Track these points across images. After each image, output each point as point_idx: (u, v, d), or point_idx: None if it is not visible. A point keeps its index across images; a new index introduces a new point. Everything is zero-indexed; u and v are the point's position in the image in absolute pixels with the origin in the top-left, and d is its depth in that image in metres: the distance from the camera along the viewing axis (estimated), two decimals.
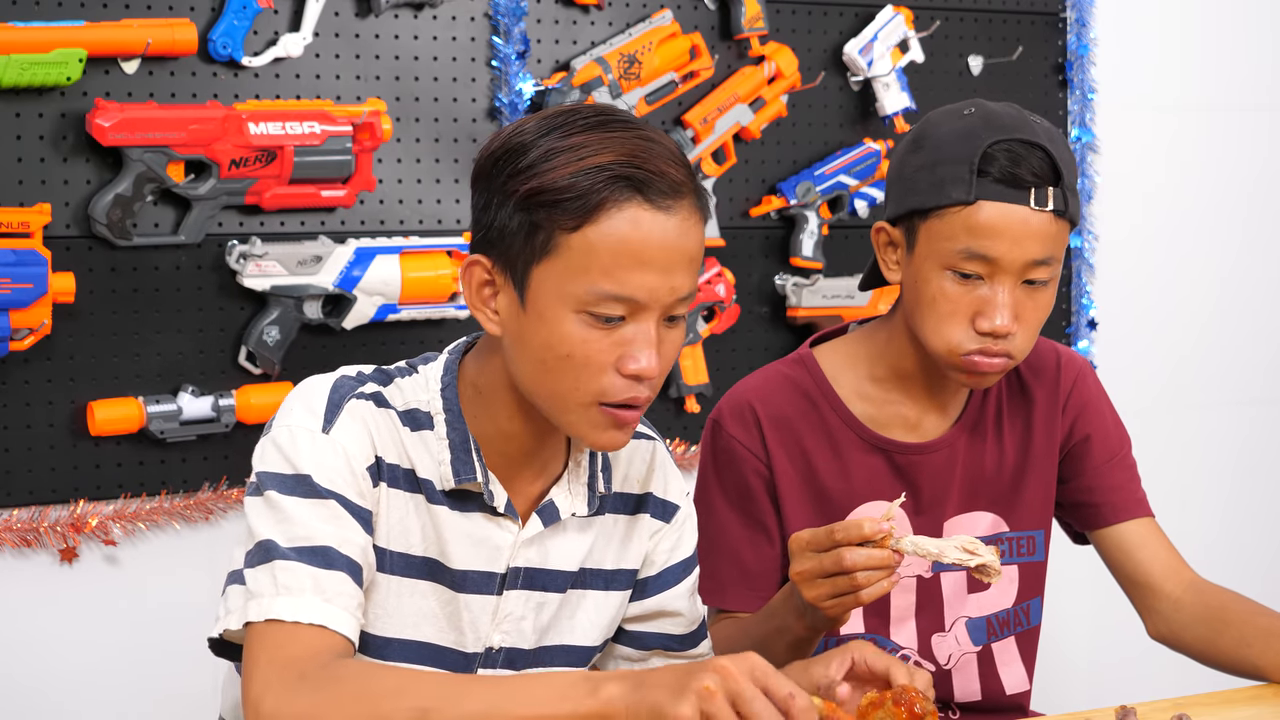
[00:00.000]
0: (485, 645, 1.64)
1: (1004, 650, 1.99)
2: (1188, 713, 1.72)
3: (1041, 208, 1.79)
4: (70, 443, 2.48)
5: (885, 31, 3.00)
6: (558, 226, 1.50)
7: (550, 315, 1.51)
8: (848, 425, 1.93)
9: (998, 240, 1.79)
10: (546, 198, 1.50)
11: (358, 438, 1.55)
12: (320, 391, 1.58)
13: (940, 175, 1.81)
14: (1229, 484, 3.49)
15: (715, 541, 1.94)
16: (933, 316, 1.83)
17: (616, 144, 1.51)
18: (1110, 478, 2.00)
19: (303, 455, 1.53)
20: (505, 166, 1.53)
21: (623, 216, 1.50)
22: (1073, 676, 3.29)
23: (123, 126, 2.41)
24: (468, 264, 1.56)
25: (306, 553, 1.50)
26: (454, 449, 1.59)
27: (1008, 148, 1.79)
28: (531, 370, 1.54)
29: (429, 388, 1.62)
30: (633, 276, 1.50)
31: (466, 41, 2.72)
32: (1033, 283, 1.82)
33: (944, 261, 1.81)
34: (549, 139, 1.52)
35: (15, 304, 2.34)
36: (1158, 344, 3.39)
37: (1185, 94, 3.40)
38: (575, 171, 1.49)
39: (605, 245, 1.49)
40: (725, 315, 2.92)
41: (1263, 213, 3.49)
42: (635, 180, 1.50)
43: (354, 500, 1.53)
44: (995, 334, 1.80)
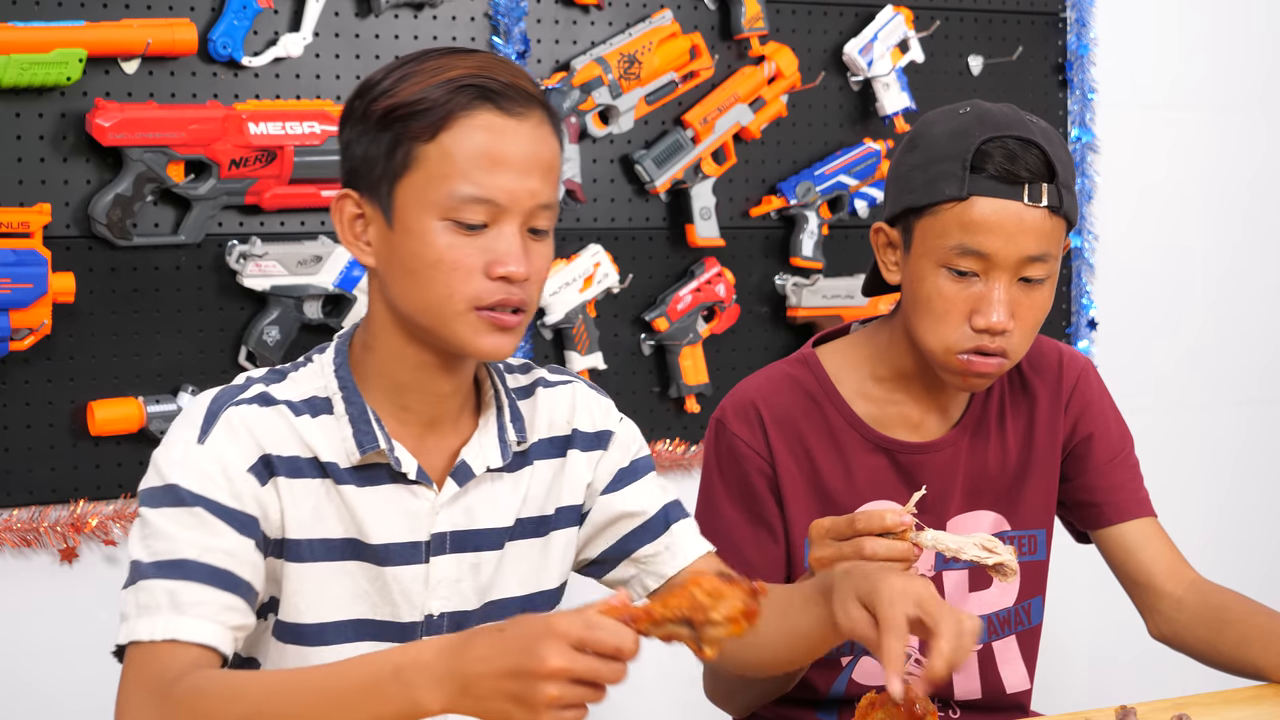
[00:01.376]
0: (424, 614, 1.65)
1: (1005, 649, 2.00)
2: (1188, 713, 1.72)
3: (1035, 204, 1.79)
4: (70, 443, 2.48)
5: (885, 31, 3.00)
6: (415, 139, 1.56)
7: (416, 227, 1.57)
8: (851, 425, 1.93)
9: (991, 236, 1.79)
10: (402, 112, 1.56)
11: (234, 443, 1.58)
12: (199, 405, 1.62)
13: (934, 172, 1.81)
14: (1228, 484, 3.50)
15: (720, 540, 1.94)
16: (929, 315, 1.83)
17: (467, 61, 1.59)
18: (1112, 477, 2.00)
19: (174, 466, 1.57)
20: (362, 99, 1.61)
21: (475, 123, 1.56)
22: (1073, 676, 3.29)
23: (123, 126, 2.41)
24: (337, 200, 1.62)
25: (165, 567, 1.53)
26: (354, 422, 1.62)
27: (1001, 144, 1.80)
28: (406, 286, 1.59)
29: (324, 373, 1.65)
30: (489, 178, 1.56)
31: (466, 41, 2.72)
32: (1029, 281, 1.81)
33: (939, 259, 1.81)
34: (403, 67, 1.60)
35: (15, 304, 2.34)
36: (1157, 343, 3.39)
37: (1184, 94, 3.40)
38: (427, 86, 1.57)
39: (461, 150, 1.56)
40: (725, 315, 2.92)
41: (1262, 212, 3.49)
42: (485, 89, 1.57)
43: (227, 504, 1.56)
44: (991, 331, 1.80)
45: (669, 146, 2.85)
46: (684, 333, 2.88)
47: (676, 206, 2.90)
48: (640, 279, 2.88)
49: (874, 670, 1.95)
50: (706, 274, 2.88)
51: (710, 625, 1.41)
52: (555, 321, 2.77)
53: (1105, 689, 3.29)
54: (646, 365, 2.90)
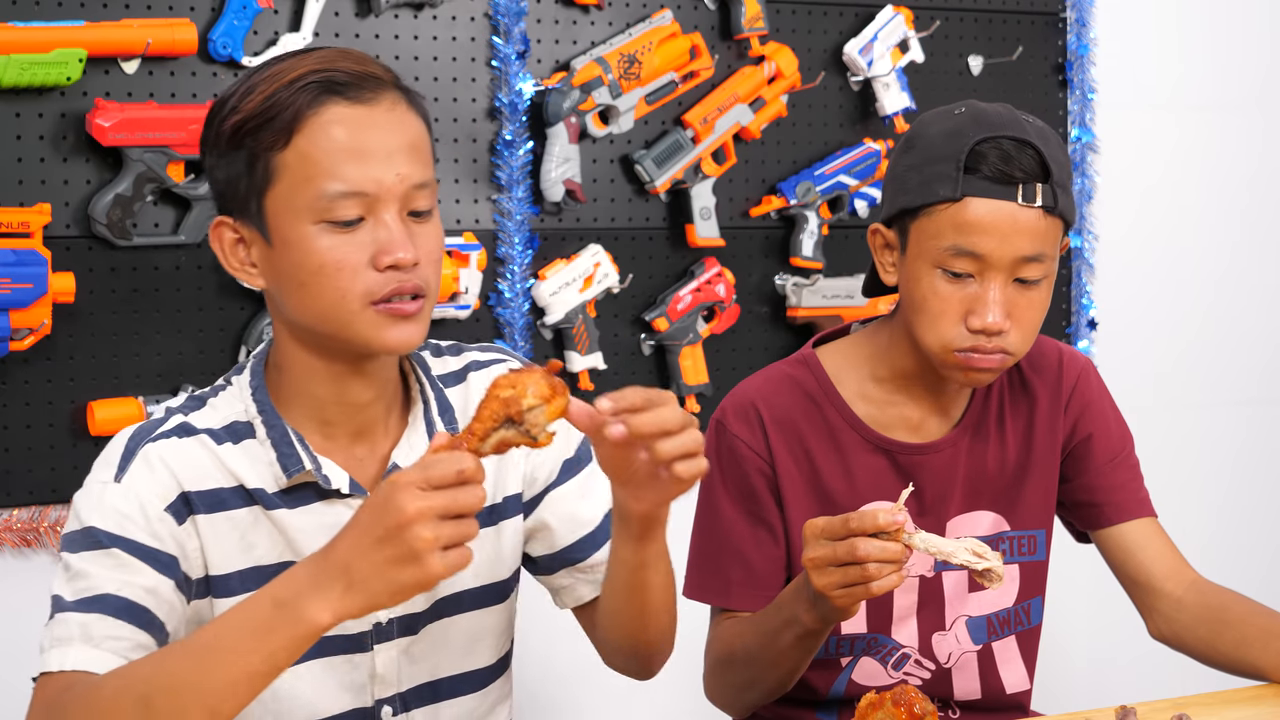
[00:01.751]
0: (372, 622, 1.64)
1: (1004, 649, 2.00)
2: (1188, 713, 1.72)
3: (1029, 204, 1.79)
4: (70, 443, 2.48)
5: (885, 31, 3.00)
6: (270, 149, 1.53)
7: (293, 236, 1.54)
8: (851, 426, 1.93)
9: (985, 236, 1.79)
10: (251, 124, 1.54)
11: (152, 481, 1.57)
12: (117, 444, 1.61)
13: (928, 173, 1.81)
14: (1227, 484, 3.50)
15: (721, 541, 1.94)
16: (925, 316, 1.83)
17: (308, 60, 1.56)
18: (1112, 477, 1.99)
19: (91, 509, 1.56)
20: (213, 121, 1.58)
21: (326, 118, 1.53)
22: (1073, 676, 3.29)
23: (123, 126, 2.41)
24: (214, 228, 1.60)
25: (84, 602, 1.53)
26: (276, 445, 1.60)
27: (996, 144, 1.80)
28: (298, 299, 1.56)
29: (242, 396, 1.63)
30: (354, 171, 1.52)
31: (466, 41, 2.72)
32: (1025, 281, 1.81)
33: (934, 260, 1.81)
34: (247, 81, 1.58)
35: (15, 304, 2.34)
36: (1157, 344, 3.39)
37: (1184, 94, 3.40)
38: (271, 92, 1.54)
39: (317, 148, 1.52)
40: (725, 315, 2.92)
41: (1261, 212, 3.49)
42: (329, 83, 1.54)
43: (145, 543, 1.55)
44: (987, 331, 1.80)
45: (669, 146, 2.85)
46: (684, 333, 2.88)
47: (676, 206, 2.90)
48: (640, 279, 2.88)
49: (874, 671, 1.95)
50: (706, 274, 2.88)
51: (529, 412, 1.43)
52: (555, 321, 2.77)
53: (1105, 689, 3.29)
54: (646, 365, 2.89)
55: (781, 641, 1.80)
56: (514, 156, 2.74)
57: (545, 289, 2.76)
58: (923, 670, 1.96)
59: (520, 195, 2.74)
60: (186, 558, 1.58)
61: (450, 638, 1.70)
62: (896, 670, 1.95)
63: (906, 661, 1.96)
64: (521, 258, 2.74)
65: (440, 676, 1.70)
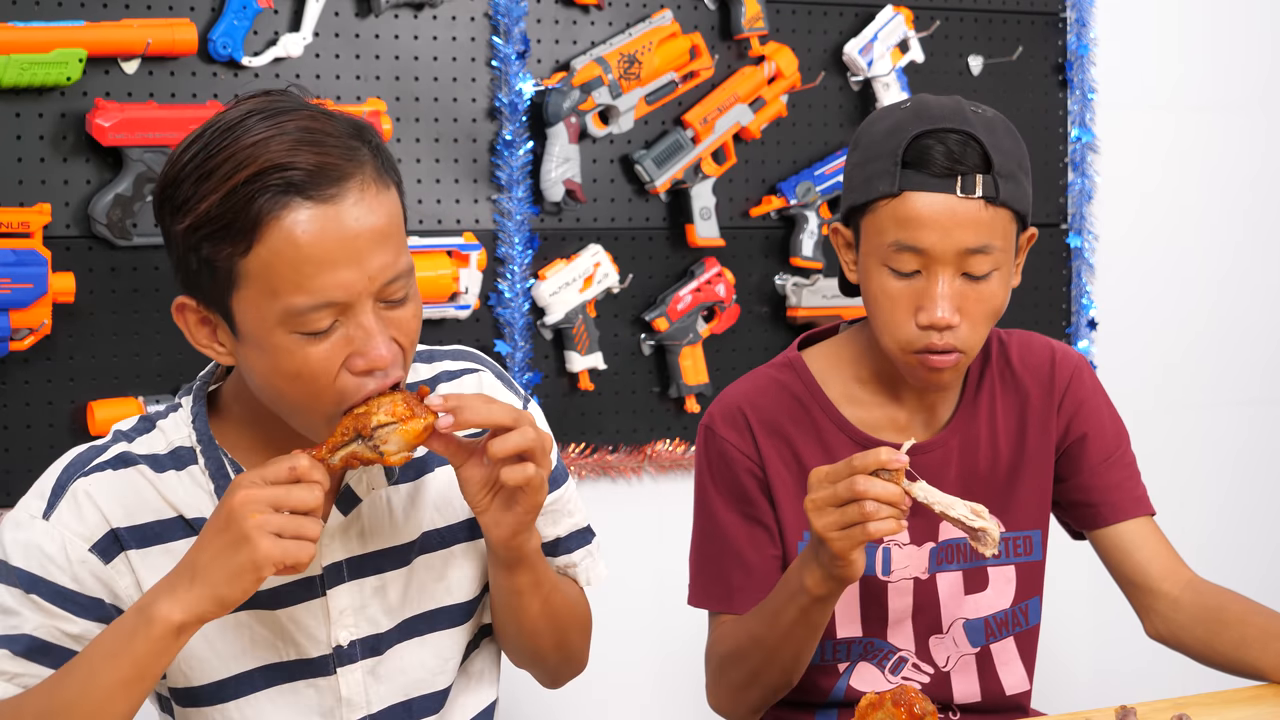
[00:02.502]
0: (333, 645, 1.63)
1: (1003, 651, 1.99)
2: (1188, 713, 1.72)
3: (969, 195, 1.76)
4: (70, 443, 2.46)
5: (885, 31, 3.00)
6: (227, 255, 1.42)
7: (264, 340, 1.45)
8: (838, 427, 1.92)
9: (925, 230, 1.77)
10: (204, 232, 1.42)
11: (78, 521, 1.55)
12: (52, 473, 1.59)
13: (870, 170, 1.80)
14: (1228, 484, 3.49)
15: (718, 546, 1.94)
16: (879, 314, 1.83)
17: (263, 148, 1.42)
18: (1107, 477, 1.99)
19: (17, 546, 1.55)
20: (166, 205, 1.47)
21: (285, 224, 1.41)
22: (1073, 676, 3.29)
23: (123, 126, 2.41)
24: (177, 308, 1.52)
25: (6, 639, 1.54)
26: (214, 478, 1.58)
27: (934, 137, 1.77)
28: (269, 395, 1.51)
29: (187, 421, 1.60)
30: (322, 279, 1.42)
31: (466, 41, 2.72)
32: (974, 277, 1.79)
33: (881, 257, 1.80)
34: (196, 162, 1.44)
35: (15, 304, 2.35)
36: (1157, 344, 3.39)
37: (1184, 94, 3.40)
38: (225, 194, 1.41)
39: (280, 260, 1.41)
40: (725, 315, 2.92)
41: (1262, 212, 3.49)
42: (289, 183, 1.41)
43: (66, 587, 1.54)
44: (935, 326, 1.78)
45: (669, 146, 2.85)
46: (684, 333, 2.88)
47: (676, 206, 2.90)
48: (640, 279, 2.88)
49: (872, 676, 1.95)
50: (706, 274, 2.88)
51: (379, 429, 1.45)
52: (555, 321, 2.77)
53: (1105, 689, 3.29)
54: (646, 365, 2.90)
55: (786, 618, 1.78)
56: (514, 156, 2.74)
57: (545, 289, 2.76)
58: (921, 675, 1.95)
59: (520, 195, 2.74)
60: (116, 596, 1.56)
61: (418, 658, 1.68)
62: (895, 675, 1.95)
63: (904, 666, 1.95)
64: (521, 258, 2.74)
65: (412, 696, 1.68)
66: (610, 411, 2.86)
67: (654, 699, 2.92)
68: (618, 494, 2.87)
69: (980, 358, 1.98)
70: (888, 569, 1.92)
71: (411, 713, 1.68)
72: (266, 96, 1.49)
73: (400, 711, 1.67)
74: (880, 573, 1.92)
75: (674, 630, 2.62)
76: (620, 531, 2.55)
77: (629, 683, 2.89)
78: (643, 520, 2.85)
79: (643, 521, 2.85)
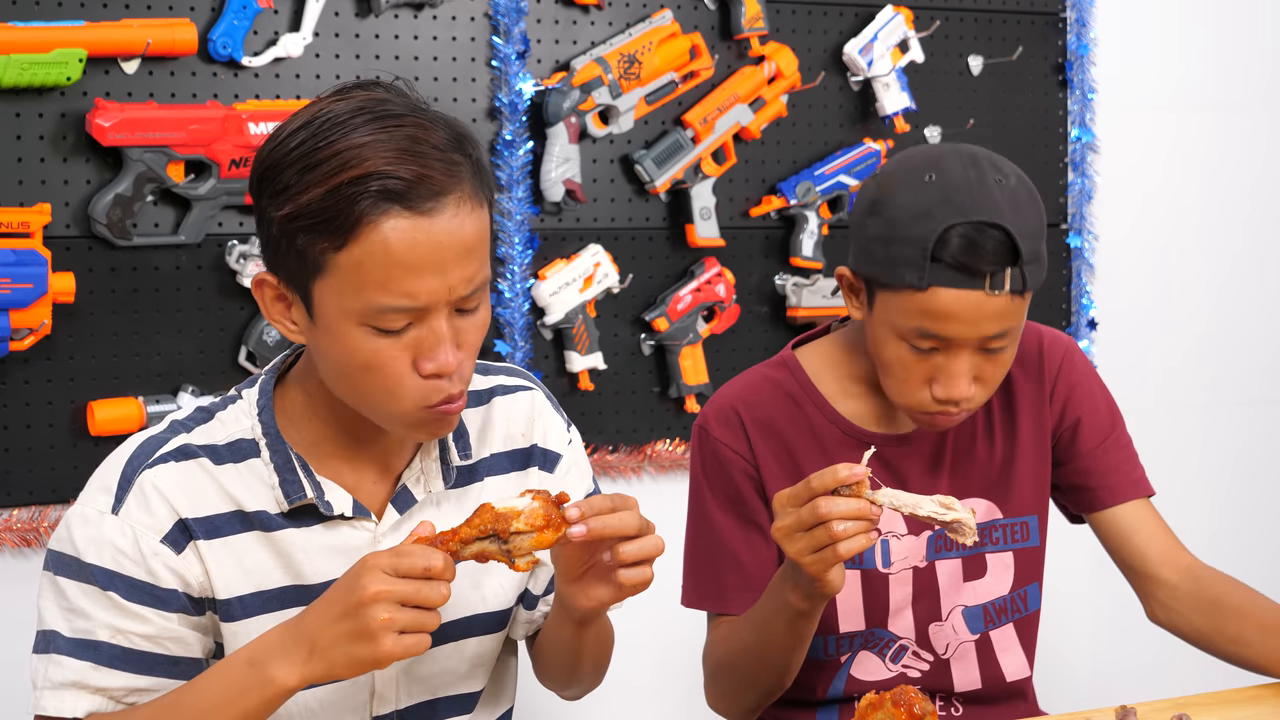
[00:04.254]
0: None
1: (1003, 637, 1.99)
2: (1188, 713, 1.72)
3: (997, 291, 1.75)
4: (70, 443, 2.48)
5: (885, 31, 3.00)
6: (321, 248, 1.47)
7: (338, 330, 1.50)
8: (833, 422, 1.93)
9: (951, 323, 1.76)
10: (303, 222, 1.47)
11: (148, 514, 1.56)
12: (115, 466, 1.59)
13: (895, 254, 1.77)
14: (1228, 484, 3.50)
15: (713, 546, 1.95)
16: (892, 378, 1.84)
17: (370, 151, 1.46)
18: (1104, 460, 2.00)
19: (89, 542, 1.55)
20: (266, 188, 1.51)
21: (383, 230, 1.45)
22: (1073, 676, 3.29)
23: (123, 126, 2.41)
24: (257, 282, 1.55)
25: (80, 646, 1.55)
26: (279, 471, 1.59)
27: (962, 232, 1.75)
28: (337, 381, 1.55)
29: (250, 413, 1.62)
30: (407, 285, 1.47)
31: (466, 41, 2.72)
32: (990, 350, 1.80)
33: (899, 332, 1.80)
34: (302, 151, 1.48)
35: (15, 304, 2.35)
36: (1157, 344, 3.39)
37: (1185, 94, 3.40)
38: (328, 191, 1.45)
39: (372, 261, 1.45)
40: (725, 315, 2.92)
41: (1262, 213, 3.49)
42: (390, 191, 1.45)
43: (143, 581, 1.55)
44: (952, 400, 1.80)
45: (669, 146, 2.85)
46: (684, 333, 2.88)
47: (676, 206, 2.90)
48: (640, 279, 2.88)
49: (873, 665, 1.95)
50: (706, 274, 2.88)
51: (515, 536, 1.45)
52: (555, 321, 2.77)
53: (1105, 689, 3.30)
54: (646, 365, 2.90)
55: (774, 629, 1.80)
56: (514, 156, 2.74)
57: (545, 289, 2.76)
58: (921, 662, 1.96)
59: (520, 195, 2.74)
60: (189, 585, 1.57)
61: (454, 661, 1.70)
62: (895, 663, 1.95)
63: (905, 654, 1.96)
64: (521, 258, 2.74)
65: (439, 696, 1.70)
66: (610, 411, 2.86)
67: (652, 698, 2.92)
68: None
69: None
70: (887, 561, 1.93)
71: (437, 712, 1.70)
72: (375, 92, 1.53)
73: (425, 710, 1.69)
74: (880, 565, 1.93)
75: (673, 629, 2.62)
76: None
77: (628, 682, 2.89)
78: None
79: None
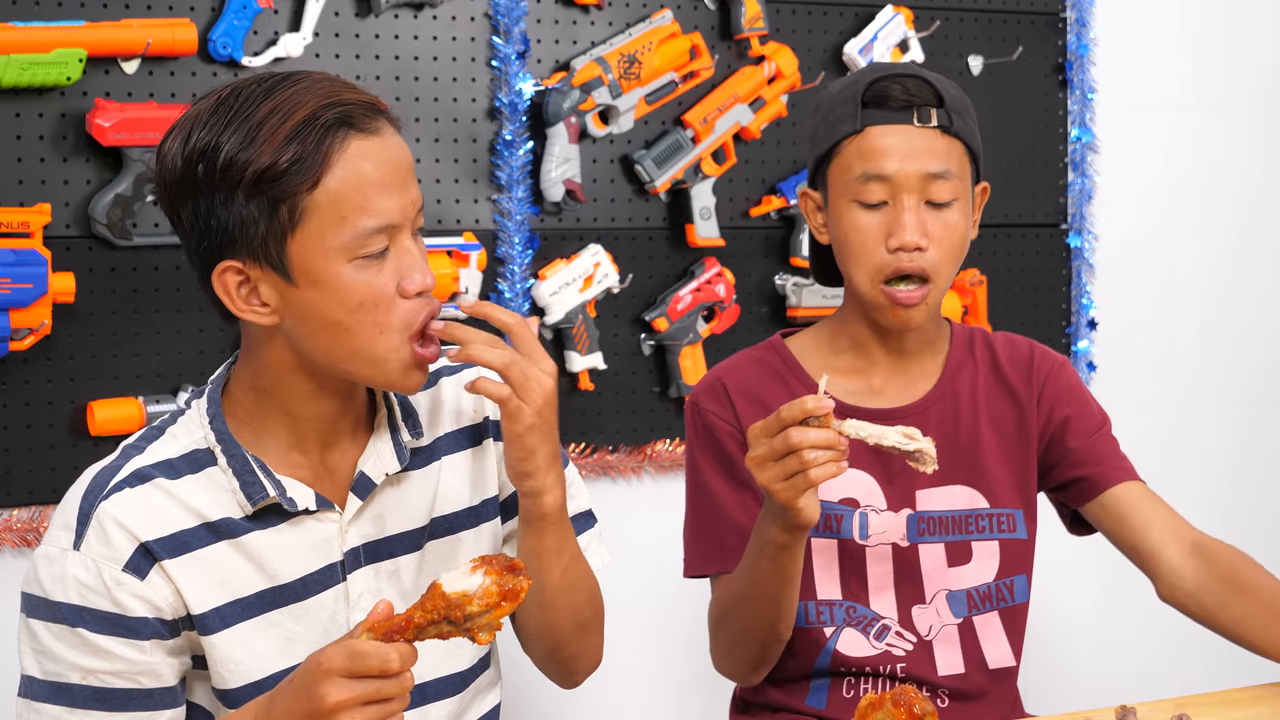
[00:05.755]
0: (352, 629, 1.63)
1: (986, 624, 2.01)
2: (1188, 713, 1.73)
3: (925, 124, 1.92)
4: (70, 443, 2.48)
5: (885, 31, 3.00)
6: (297, 193, 1.51)
7: (328, 276, 1.53)
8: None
9: (888, 158, 1.91)
10: (273, 171, 1.51)
11: (107, 547, 1.56)
12: (73, 502, 1.59)
13: (831, 119, 1.96)
14: (1228, 484, 3.50)
15: (711, 511, 2.00)
16: (850, 252, 1.94)
17: (302, 95, 1.54)
18: (1095, 450, 2.03)
19: (54, 581, 1.56)
20: (209, 169, 1.52)
21: (349, 154, 1.53)
22: (1073, 677, 3.29)
23: (123, 126, 2.41)
24: (218, 274, 1.56)
25: (54, 690, 1.55)
26: (239, 474, 1.60)
27: (891, 79, 1.94)
28: (331, 338, 1.55)
29: (202, 423, 1.63)
30: (381, 202, 1.53)
31: (466, 41, 2.72)
32: (937, 205, 1.92)
33: (849, 194, 1.93)
34: (235, 125, 1.53)
35: (15, 304, 2.35)
36: (1157, 344, 3.39)
37: (1185, 94, 3.40)
38: (286, 136, 1.51)
39: (348, 186, 1.52)
40: (725, 315, 2.92)
41: (1262, 213, 3.49)
42: (343, 118, 1.53)
43: (110, 613, 1.55)
44: (904, 249, 1.89)
45: (669, 146, 2.85)
46: (684, 333, 2.88)
47: (676, 206, 2.90)
48: (640, 279, 2.88)
49: (857, 641, 1.97)
50: (706, 274, 2.88)
51: (470, 619, 1.44)
52: (555, 321, 2.77)
53: (1105, 689, 3.30)
54: (646, 365, 2.90)
55: (760, 571, 1.84)
56: (514, 156, 2.74)
57: (545, 289, 2.76)
58: (904, 642, 1.98)
59: (520, 195, 2.74)
60: (159, 610, 1.58)
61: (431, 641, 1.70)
62: (879, 641, 1.97)
63: (888, 634, 1.98)
64: (521, 258, 2.74)
65: (428, 679, 1.71)
66: (610, 411, 2.86)
67: (652, 698, 2.92)
68: (618, 494, 2.87)
69: (963, 344, 2.05)
70: (865, 533, 1.97)
71: (425, 695, 1.71)
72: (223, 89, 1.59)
73: (415, 694, 1.69)
74: (858, 537, 1.97)
75: (673, 629, 2.62)
76: (620, 531, 2.54)
77: (628, 682, 2.89)
78: (642, 520, 2.85)
79: (642, 521, 2.84)
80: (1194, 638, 3.10)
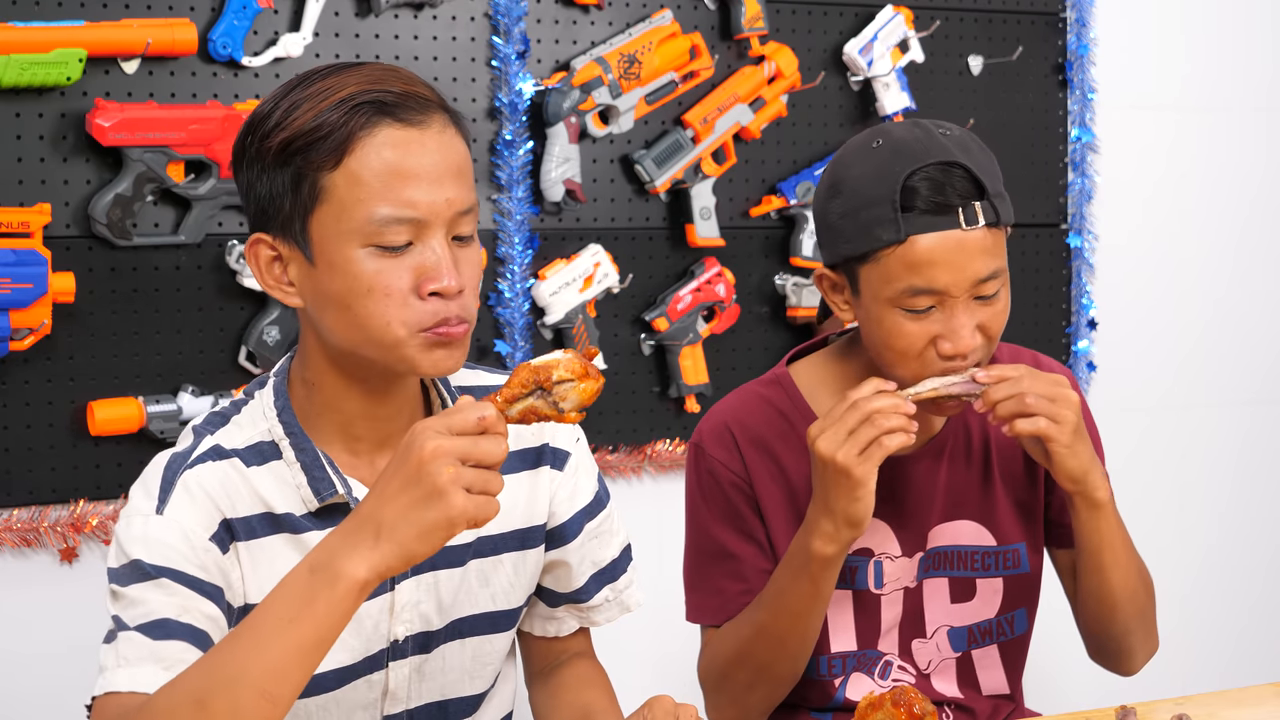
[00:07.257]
0: (390, 640, 1.64)
1: (984, 656, 1.99)
2: (1188, 713, 1.72)
3: (973, 226, 1.76)
4: (70, 443, 2.48)
5: (885, 31, 3.00)
6: (318, 169, 1.50)
7: (339, 258, 1.51)
8: None
9: (939, 270, 1.75)
10: (299, 143, 1.50)
11: (195, 510, 1.54)
12: (154, 472, 1.58)
13: (865, 219, 1.77)
14: (1229, 484, 3.50)
15: (712, 560, 1.95)
16: (893, 354, 1.81)
17: (355, 76, 1.53)
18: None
19: (134, 541, 1.53)
20: (254, 136, 1.54)
21: (377, 140, 1.50)
22: (1073, 676, 3.29)
23: (123, 126, 2.41)
24: (250, 245, 1.56)
25: (146, 626, 1.50)
26: (307, 469, 1.58)
27: (925, 175, 1.76)
28: (341, 321, 1.53)
29: (267, 415, 1.61)
30: (405, 193, 1.50)
31: (466, 41, 2.72)
32: (984, 297, 1.79)
33: (892, 302, 1.78)
34: (289, 95, 1.54)
35: (15, 304, 2.35)
36: (1158, 344, 3.39)
37: (1186, 94, 3.40)
38: (320, 111, 1.50)
39: (369, 171, 1.49)
40: (725, 315, 2.92)
41: (1263, 213, 3.49)
42: (381, 104, 1.51)
43: (191, 573, 1.52)
44: (961, 355, 1.78)
45: (669, 146, 2.85)
46: (684, 333, 2.88)
47: (676, 206, 2.90)
48: (640, 279, 2.88)
49: (865, 685, 1.95)
50: (706, 274, 2.88)
51: (558, 385, 1.43)
52: (555, 321, 2.77)
53: (1105, 689, 3.29)
54: (646, 365, 2.90)
55: (796, 593, 1.81)
56: (514, 156, 2.74)
57: (545, 289, 2.76)
58: (905, 675, 1.96)
59: (520, 195, 2.74)
60: (230, 587, 1.56)
61: (460, 659, 1.70)
62: (883, 679, 1.95)
63: (890, 669, 1.96)
64: (521, 258, 2.74)
65: (449, 697, 1.70)
66: (610, 411, 2.86)
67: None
68: (618, 494, 2.85)
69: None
70: (880, 583, 1.93)
71: (447, 713, 1.70)
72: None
73: (435, 711, 1.70)
74: (873, 586, 1.93)
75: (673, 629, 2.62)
76: None
77: (627, 681, 2.89)
78: (643, 520, 2.84)
79: (643, 521, 2.84)
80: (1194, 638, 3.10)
